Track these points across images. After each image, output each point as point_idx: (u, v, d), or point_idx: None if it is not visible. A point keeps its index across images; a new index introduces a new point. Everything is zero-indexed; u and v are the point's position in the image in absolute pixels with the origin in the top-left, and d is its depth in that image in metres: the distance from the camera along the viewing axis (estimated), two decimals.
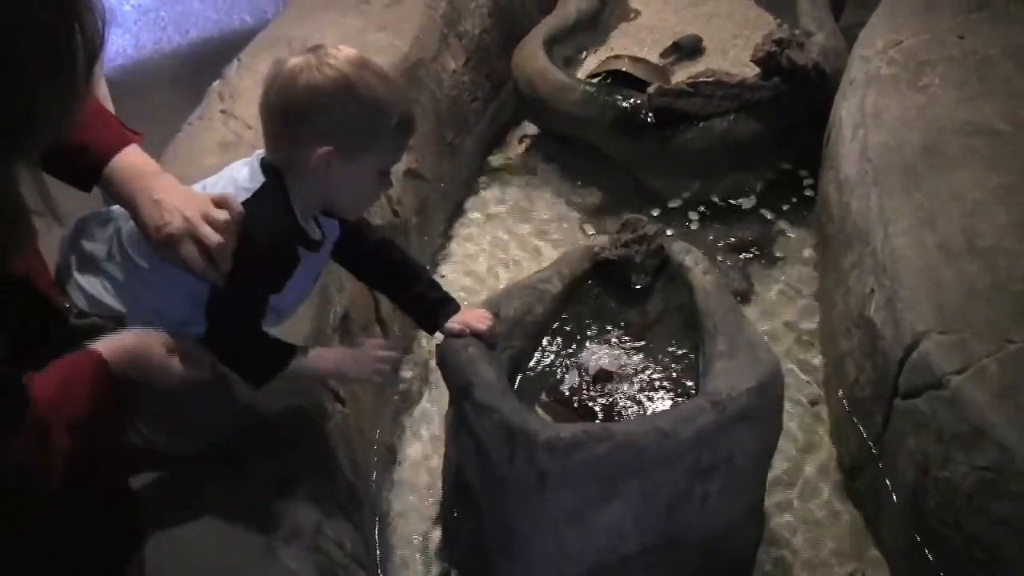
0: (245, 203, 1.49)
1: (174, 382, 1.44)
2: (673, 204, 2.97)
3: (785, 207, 2.95)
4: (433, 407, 2.36)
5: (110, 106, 2.97)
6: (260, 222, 1.48)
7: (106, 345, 1.33)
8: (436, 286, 1.82)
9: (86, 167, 1.47)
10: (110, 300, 1.51)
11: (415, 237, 2.69)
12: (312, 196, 1.54)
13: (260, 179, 1.52)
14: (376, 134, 1.51)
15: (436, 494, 2.11)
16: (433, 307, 1.78)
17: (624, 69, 3.07)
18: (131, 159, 1.49)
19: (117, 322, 1.49)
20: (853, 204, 2.33)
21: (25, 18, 0.95)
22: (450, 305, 1.79)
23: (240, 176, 1.54)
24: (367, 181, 1.56)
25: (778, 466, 2.13)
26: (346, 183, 1.53)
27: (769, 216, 2.93)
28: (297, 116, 1.48)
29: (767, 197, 2.99)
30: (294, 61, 1.48)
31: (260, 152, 1.56)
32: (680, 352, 1.96)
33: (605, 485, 1.64)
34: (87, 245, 1.54)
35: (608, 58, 3.21)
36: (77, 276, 1.53)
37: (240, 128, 2.49)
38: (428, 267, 2.69)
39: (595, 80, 3.08)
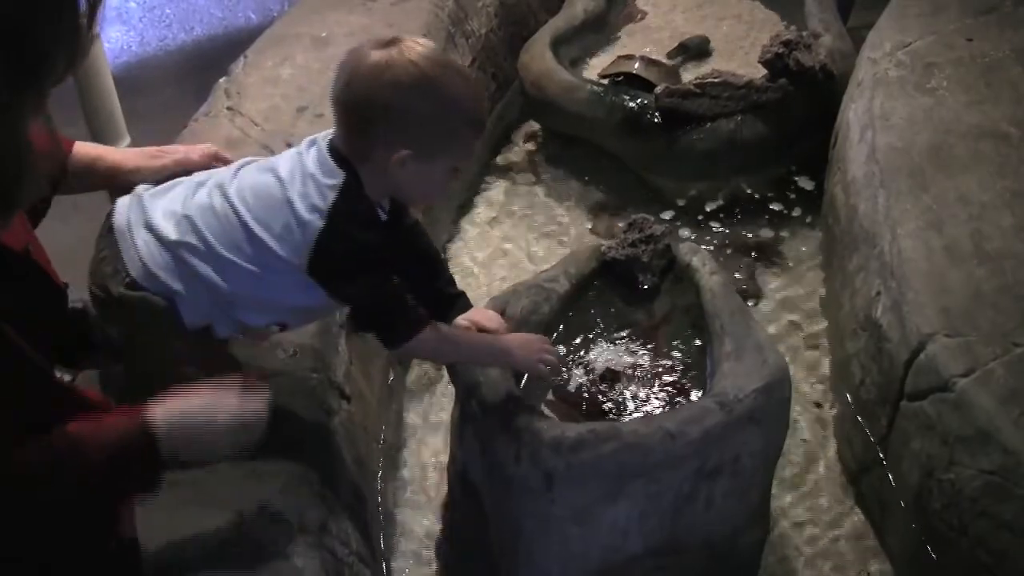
0: (335, 203, 1.46)
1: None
2: (679, 205, 2.96)
3: (791, 208, 2.95)
4: (439, 405, 2.36)
5: (115, 100, 2.98)
6: (357, 218, 1.48)
7: (163, 407, 1.27)
8: (453, 281, 1.82)
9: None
10: (167, 277, 1.48)
11: None
12: (383, 188, 1.53)
13: (335, 173, 1.48)
14: (456, 134, 1.50)
15: (441, 493, 2.11)
16: (448, 302, 1.77)
17: (633, 71, 3.06)
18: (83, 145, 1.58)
19: (168, 300, 1.48)
20: (860, 206, 2.33)
21: None
22: (463, 301, 1.79)
23: (313, 169, 1.49)
24: (440, 179, 1.54)
25: (784, 468, 2.12)
26: (420, 180, 1.51)
27: (775, 217, 2.92)
28: (381, 113, 1.44)
29: (773, 198, 2.98)
30: (377, 55, 1.43)
31: (322, 136, 1.53)
32: (687, 353, 1.96)
33: (611, 484, 1.64)
34: (156, 218, 1.51)
35: (619, 58, 3.20)
36: (139, 245, 1.49)
37: (246, 125, 2.49)
38: None
39: (603, 80, 3.07)
